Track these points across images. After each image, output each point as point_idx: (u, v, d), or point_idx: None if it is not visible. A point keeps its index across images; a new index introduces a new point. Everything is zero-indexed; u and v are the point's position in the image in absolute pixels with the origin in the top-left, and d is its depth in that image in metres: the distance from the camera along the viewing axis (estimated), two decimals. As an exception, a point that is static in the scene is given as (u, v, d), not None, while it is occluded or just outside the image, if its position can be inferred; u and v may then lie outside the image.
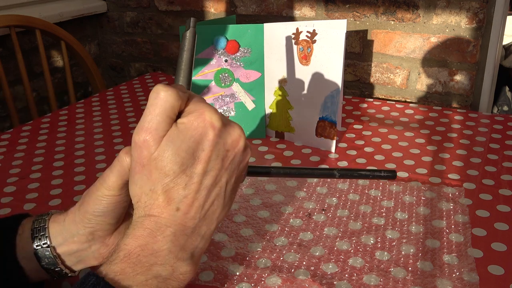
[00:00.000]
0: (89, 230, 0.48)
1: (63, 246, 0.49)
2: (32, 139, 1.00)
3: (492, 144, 0.92)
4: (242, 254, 0.62)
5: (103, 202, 0.46)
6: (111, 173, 0.46)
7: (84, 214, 0.47)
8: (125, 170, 0.45)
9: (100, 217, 0.47)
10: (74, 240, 0.48)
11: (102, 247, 0.49)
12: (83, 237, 0.48)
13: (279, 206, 0.73)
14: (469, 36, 1.33)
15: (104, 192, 0.46)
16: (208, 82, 0.95)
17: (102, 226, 0.48)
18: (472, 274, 0.57)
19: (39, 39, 1.33)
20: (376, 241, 0.64)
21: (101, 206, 0.46)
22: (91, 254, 0.49)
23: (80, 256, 0.49)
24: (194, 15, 1.69)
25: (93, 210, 0.47)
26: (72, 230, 0.48)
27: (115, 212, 0.47)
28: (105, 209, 0.47)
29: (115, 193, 0.46)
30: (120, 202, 0.47)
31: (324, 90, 0.88)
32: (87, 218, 0.47)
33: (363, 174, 0.52)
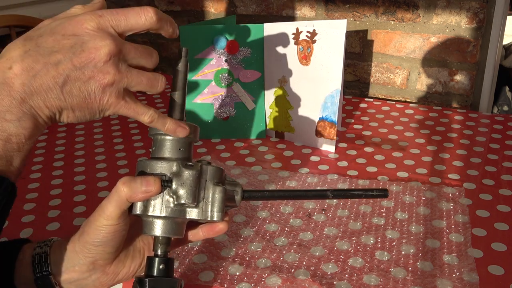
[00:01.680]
0: (90, 260, 0.48)
1: (64, 274, 0.48)
2: (32, 139, 1.00)
3: (492, 144, 0.92)
4: (242, 254, 0.62)
5: (102, 231, 0.46)
6: (109, 203, 0.45)
7: (84, 244, 0.47)
8: (122, 200, 0.45)
9: (100, 246, 0.47)
10: (75, 269, 0.48)
11: (103, 276, 0.49)
12: (84, 267, 0.48)
13: (279, 206, 0.73)
14: (469, 36, 1.33)
15: (103, 222, 0.46)
16: (208, 82, 0.95)
17: (102, 255, 0.48)
18: (472, 274, 0.57)
19: (39, 39, 1.33)
20: (376, 241, 0.64)
21: (100, 236, 0.46)
22: (91, 283, 0.49)
23: (80, 284, 0.49)
24: (194, 15, 1.69)
25: (92, 240, 0.47)
26: (73, 259, 0.48)
27: (114, 241, 0.47)
28: (105, 239, 0.46)
29: (114, 223, 0.46)
30: (119, 231, 0.47)
31: (324, 90, 0.88)
32: (87, 248, 0.47)
33: (356, 194, 0.52)
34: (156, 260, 0.47)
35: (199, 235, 0.51)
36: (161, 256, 0.47)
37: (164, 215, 0.46)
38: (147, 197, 0.45)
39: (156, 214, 0.46)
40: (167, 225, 0.47)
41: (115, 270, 0.49)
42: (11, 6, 1.57)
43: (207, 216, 0.47)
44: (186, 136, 0.47)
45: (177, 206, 0.46)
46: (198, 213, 0.47)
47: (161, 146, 0.48)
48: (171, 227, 0.47)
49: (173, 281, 0.47)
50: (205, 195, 0.47)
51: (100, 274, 0.49)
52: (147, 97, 1.23)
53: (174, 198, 0.46)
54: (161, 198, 0.46)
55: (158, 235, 0.47)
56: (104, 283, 0.49)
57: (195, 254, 0.62)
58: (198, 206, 0.47)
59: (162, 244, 0.47)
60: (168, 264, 0.47)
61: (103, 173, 0.85)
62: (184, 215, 0.47)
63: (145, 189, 0.45)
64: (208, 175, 0.48)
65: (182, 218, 0.47)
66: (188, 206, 0.46)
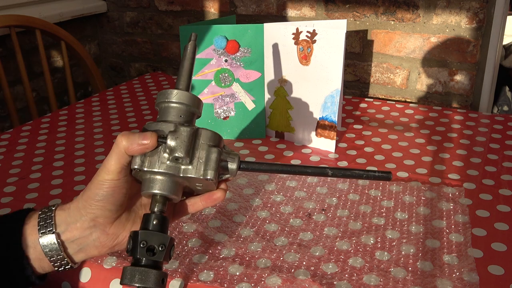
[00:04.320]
0: (91, 216, 0.50)
1: (66, 232, 0.50)
2: (32, 139, 1.00)
3: (492, 144, 0.92)
4: (242, 254, 0.62)
5: (103, 186, 0.49)
6: (110, 157, 0.48)
7: (86, 200, 0.50)
8: (122, 153, 0.48)
9: (101, 201, 0.49)
10: (76, 226, 0.50)
11: (103, 235, 0.51)
12: (85, 223, 0.50)
13: (279, 206, 0.73)
14: (469, 36, 1.33)
15: (104, 176, 0.49)
16: (208, 82, 0.95)
17: (103, 212, 0.50)
18: (472, 274, 0.57)
19: (39, 39, 1.33)
20: (376, 241, 0.64)
21: (101, 191, 0.49)
22: (91, 243, 0.51)
23: (82, 243, 0.51)
24: (194, 15, 1.69)
25: (94, 194, 0.49)
26: (75, 216, 0.50)
27: (115, 198, 0.49)
28: (106, 193, 0.49)
29: (114, 177, 0.49)
30: (119, 187, 0.49)
31: (324, 90, 0.88)
32: (89, 203, 0.50)
33: (356, 174, 0.52)
34: (151, 216, 0.49)
35: (198, 204, 0.53)
36: (156, 213, 0.49)
37: (159, 170, 0.48)
38: (144, 149, 0.48)
39: (152, 169, 0.48)
40: (163, 183, 0.49)
41: (115, 231, 0.51)
42: (11, 6, 1.57)
43: (200, 174, 0.48)
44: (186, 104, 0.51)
45: (172, 161, 0.48)
46: (192, 171, 0.49)
47: (164, 112, 0.51)
48: (167, 185, 0.49)
49: (165, 237, 0.48)
50: (199, 155, 0.49)
51: (100, 233, 0.51)
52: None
53: (169, 153, 0.48)
54: (158, 154, 0.49)
55: (155, 192, 0.49)
56: (104, 244, 0.51)
57: (195, 254, 0.62)
58: (193, 164, 0.49)
59: (158, 203, 0.49)
60: (163, 221, 0.49)
61: (103, 173, 0.85)
62: (178, 172, 0.48)
63: (142, 141, 0.47)
64: (204, 138, 0.50)
65: (177, 176, 0.49)
66: (182, 163, 0.48)
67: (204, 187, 0.52)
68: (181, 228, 0.68)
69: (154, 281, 0.46)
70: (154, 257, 0.47)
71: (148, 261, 0.47)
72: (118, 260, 0.61)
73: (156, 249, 0.47)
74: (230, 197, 0.75)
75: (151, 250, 0.47)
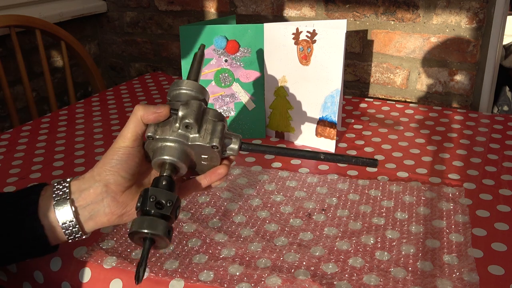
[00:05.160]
0: (104, 182, 0.53)
1: (80, 199, 0.54)
2: (32, 139, 1.00)
3: (492, 144, 0.92)
4: (242, 254, 0.62)
5: (119, 153, 0.54)
6: (127, 126, 0.54)
7: (101, 166, 0.54)
8: (138, 121, 0.54)
9: (115, 167, 0.53)
10: (89, 192, 0.53)
11: (113, 202, 0.54)
12: (98, 189, 0.53)
13: (279, 206, 0.73)
14: (469, 36, 1.33)
15: (120, 144, 0.54)
16: (208, 82, 0.95)
17: (116, 178, 0.53)
18: (472, 274, 0.57)
19: (39, 39, 1.33)
20: (376, 241, 0.64)
21: (116, 157, 0.54)
22: (102, 209, 0.54)
23: (93, 210, 0.54)
24: (194, 15, 1.69)
25: (109, 160, 0.54)
26: (89, 182, 0.54)
27: (128, 165, 0.54)
28: (120, 160, 0.53)
29: (129, 145, 0.54)
30: (133, 155, 0.54)
31: (324, 90, 0.88)
32: (104, 169, 0.54)
33: (346, 159, 0.57)
34: (160, 178, 0.52)
35: (203, 181, 0.57)
36: (165, 176, 0.53)
37: (170, 137, 0.53)
38: (158, 117, 0.53)
39: (163, 136, 0.53)
40: (172, 150, 0.53)
41: (124, 200, 0.54)
42: (11, 6, 1.57)
43: (207, 142, 0.53)
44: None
45: (182, 129, 0.53)
46: (200, 139, 0.54)
47: (175, 97, 0.57)
48: (176, 152, 0.53)
49: (172, 195, 0.51)
50: (206, 127, 0.54)
51: (111, 200, 0.54)
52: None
53: (179, 122, 0.53)
54: (169, 125, 0.54)
55: (165, 158, 0.53)
56: (113, 211, 0.54)
57: (195, 254, 0.62)
58: (200, 134, 0.54)
59: (168, 169, 0.53)
60: (171, 183, 0.52)
61: (103, 173, 0.85)
62: (187, 140, 0.53)
63: (156, 110, 0.53)
64: (211, 114, 0.55)
65: (186, 145, 0.54)
66: (191, 132, 0.54)
67: (209, 161, 0.56)
68: (181, 228, 0.68)
69: (162, 229, 0.49)
70: (162, 210, 0.50)
71: (156, 213, 0.50)
72: (118, 260, 0.61)
73: (164, 204, 0.50)
74: (230, 197, 0.75)
75: (159, 204, 0.50)
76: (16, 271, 0.65)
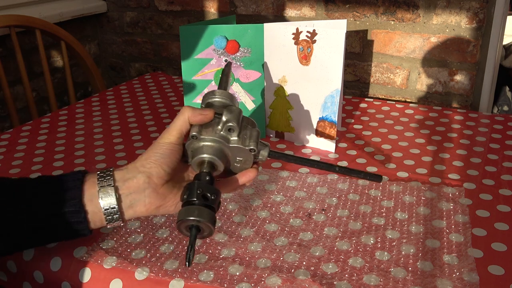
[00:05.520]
0: (147, 173, 0.57)
1: (123, 187, 0.57)
2: (32, 139, 1.00)
3: (492, 144, 0.92)
4: (242, 254, 0.62)
5: (163, 147, 0.58)
6: (174, 123, 0.59)
7: (146, 159, 0.58)
8: (185, 120, 0.59)
9: (158, 160, 0.58)
10: (133, 182, 0.57)
11: (153, 193, 0.57)
12: (141, 180, 0.57)
13: (279, 206, 0.73)
14: (469, 36, 1.33)
15: (165, 140, 0.59)
16: (208, 82, 0.95)
17: (158, 170, 0.57)
18: (472, 274, 0.57)
19: (39, 39, 1.33)
20: (376, 241, 0.64)
21: (160, 150, 0.58)
22: (142, 199, 0.57)
23: (134, 199, 0.57)
24: (194, 15, 1.69)
25: (154, 153, 0.58)
26: (133, 173, 0.58)
27: (170, 159, 0.58)
28: (163, 154, 0.58)
29: (173, 141, 0.59)
30: (175, 151, 0.59)
31: (324, 90, 0.88)
32: (148, 162, 0.58)
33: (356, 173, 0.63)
34: (203, 173, 0.57)
35: (241, 179, 0.61)
36: (207, 172, 0.57)
37: (213, 137, 0.58)
38: (203, 118, 0.59)
39: (207, 136, 0.58)
40: (213, 150, 0.58)
41: (164, 192, 0.58)
42: (11, 6, 1.57)
43: (245, 144, 0.59)
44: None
45: (225, 131, 0.59)
46: (239, 142, 0.59)
47: (209, 105, 0.62)
48: (215, 152, 0.58)
49: (215, 189, 0.56)
50: (244, 132, 0.60)
51: (151, 190, 0.57)
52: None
53: (222, 125, 0.59)
54: (212, 127, 0.59)
55: (206, 156, 0.58)
56: (152, 202, 0.58)
57: (195, 255, 0.62)
58: (239, 137, 0.59)
59: (207, 167, 0.58)
60: (212, 179, 0.57)
61: (103, 173, 0.85)
62: (228, 141, 0.59)
63: (203, 112, 0.59)
64: (247, 121, 0.62)
65: (226, 146, 0.59)
66: (232, 135, 0.59)
67: (242, 163, 0.61)
68: (181, 228, 0.68)
69: (208, 217, 0.53)
70: (207, 202, 0.54)
71: (202, 204, 0.54)
72: (118, 260, 0.61)
73: (209, 197, 0.55)
74: (230, 197, 0.75)
75: (204, 197, 0.55)
76: (16, 271, 0.65)
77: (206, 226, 0.54)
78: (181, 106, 1.15)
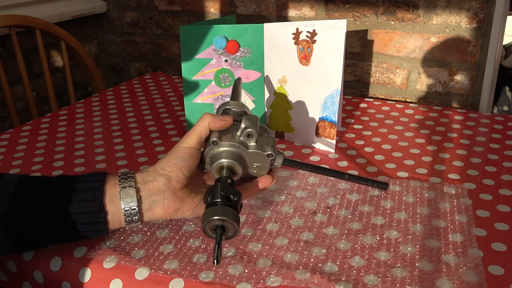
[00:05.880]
0: (167, 176, 0.59)
1: (144, 190, 0.58)
2: (32, 139, 1.00)
3: (492, 144, 0.92)
4: (242, 254, 0.62)
5: (183, 152, 0.60)
6: (194, 128, 0.61)
7: (166, 162, 0.60)
8: (205, 126, 0.61)
9: (178, 164, 0.59)
10: (153, 184, 0.58)
11: (172, 197, 0.59)
12: (161, 182, 0.58)
13: (279, 206, 0.73)
14: (469, 36, 1.33)
15: (185, 144, 0.61)
16: (208, 82, 0.95)
17: (178, 173, 0.59)
18: (472, 274, 0.57)
19: (39, 39, 1.33)
20: (376, 241, 0.64)
21: (180, 154, 0.60)
22: (161, 201, 0.58)
23: (153, 201, 0.58)
24: (194, 15, 1.69)
25: (174, 157, 0.60)
26: (154, 175, 0.59)
27: (190, 163, 0.60)
28: (183, 158, 0.60)
29: (193, 146, 0.61)
30: (194, 156, 0.61)
31: (324, 90, 0.88)
32: (168, 165, 0.59)
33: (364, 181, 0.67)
34: (224, 177, 0.59)
35: (257, 186, 0.63)
36: (228, 176, 0.60)
37: (232, 143, 0.61)
38: (223, 124, 0.62)
39: (226, 142, 0.61)
40: (232, 155, 0.61)
41: (182, 195, 0.59)
42: (11, 6, 1.57)
43: (262, 149, 0.62)
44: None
45: (244, 137, 0.61)
46: (257, 147, 0.62)
47: (224, 114, 0.66)
48: (234, 157, 0.60)
49: (237, 191, 0.58)
50: (262, 139, 0.63)
51: (171, 193, 0.59)
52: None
53: (241, 131, 0.61)
54: (231, 133, 0.62)
55: (226, 161, 0.60)
56: (170, 205, 0.59)
57: (195, 254, 0.62)
58: (257, 143, 0.62)
59: (227, 171, 0.60)
60: (233, 182, 0.60)
61: (103, 173, 0.85)
62: (247, 147, 0.61)
63: (223, 118, 0.62)
64: (263, 129, 0.65)
65: (244, 151, 0.61)
66: (251, 141, 0.62)
67: (259, 169, 0.63)
68: (181, 228, 0.68)
69: (233, 217, 0.55)
70: (231, 203, 0.56)
71: (226, 204, 0.56)
72: (118, 260, 0.61)
73: (232, 198, 0.57)
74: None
75: (228, 198, 0.57)
76: (16, 271, 0.65)
77: (231, 226, 0.55)
78: (181, 106, 1.15)
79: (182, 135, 1.00)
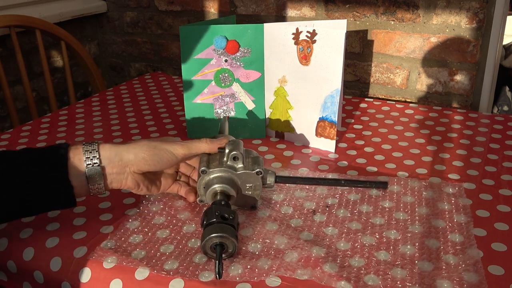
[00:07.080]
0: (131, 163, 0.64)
1: (108, 167, 0.63)
2: (32, 139, 1.00)
3: (492, 144, 0.92)
4: (242, 254, 0.62)
5: (164, 155, 0.65)
6: (190, 142, 0.67)
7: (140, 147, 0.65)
8: (199, 148, 0.66)
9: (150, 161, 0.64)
10: (117, 164, 0.64)
11: (133, 176, 0.65)
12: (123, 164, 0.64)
13: (279, 206, 0.73)
14: (469, 36, 1.33)
15: (171, 150, 0.65)
16: (208, 82, 0.95)
17: (141, 167, 0.65)
18: (472, 274, 0.57)
19: (39, 39, 1.33)
20: (376, 241, 0.64)
21: (158, 157, 0.65)
22: (125, 177, 0.65)
23: (116, 178, 0.64)
24: (194, 15, 1.69)
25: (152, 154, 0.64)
26: (123, 156, 0.64)
27: (160, 164, 0.65)
28: (159, 160, 0.65)
29: (177, 155, 0.66)
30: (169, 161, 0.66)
31: (324, 90, 0.88)
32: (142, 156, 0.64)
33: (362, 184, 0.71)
34: (219, 200, 0.63)
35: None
36: (222, 199, 0.64)
37: (221, 168, 0.65)
38: (210, 148, 0.67)
39: (215, 168, 0.65)
40: (223, 179, 0.65)
41: (141, 179, 0.66)
42: (11, 6, 1.57)
43: (252, 169, 0.66)
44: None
45: (230, 161, 0.66)
46: (245, 168, 0.65)
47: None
48: (226, 180, 0.65)
49: (232, 210, 0.61)
50: (248, 160, 0.67)
51: (131, 175, 0.65)
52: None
53: (227, 156, 0.65)
54: (218, 160, 0.66)
55: (219, 186, 0.65)
56: (136, 178, 0.65)
57: (195, 254, 0.62)
58: (244, 165, 0.66)
59: (221, 195, 0.64)
60: (228, 203, 0.64)
61: (103, 173, 0.85)
62: (235, 170, 0.65)
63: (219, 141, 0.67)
64: (249, 152, 0.69)
65: (234, 174, 0.65)
66: (238, 163, 0.66)
67: (253, 190, 0.67)
68: (181, 229, 0.68)
69: (231, 233, 0.58)
70: (227, 221, 0.59)
71: (222, 223, 0.59)
72: (118, 260, 0.61)
73: (227, 217, 0.60)
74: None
75: (223, 217, 0.60)
76: (16, 271, 0.65)
77: (230, 242, 0.58)
78: (181, 106, 1.15)
79: (182, 135, 1.00)
